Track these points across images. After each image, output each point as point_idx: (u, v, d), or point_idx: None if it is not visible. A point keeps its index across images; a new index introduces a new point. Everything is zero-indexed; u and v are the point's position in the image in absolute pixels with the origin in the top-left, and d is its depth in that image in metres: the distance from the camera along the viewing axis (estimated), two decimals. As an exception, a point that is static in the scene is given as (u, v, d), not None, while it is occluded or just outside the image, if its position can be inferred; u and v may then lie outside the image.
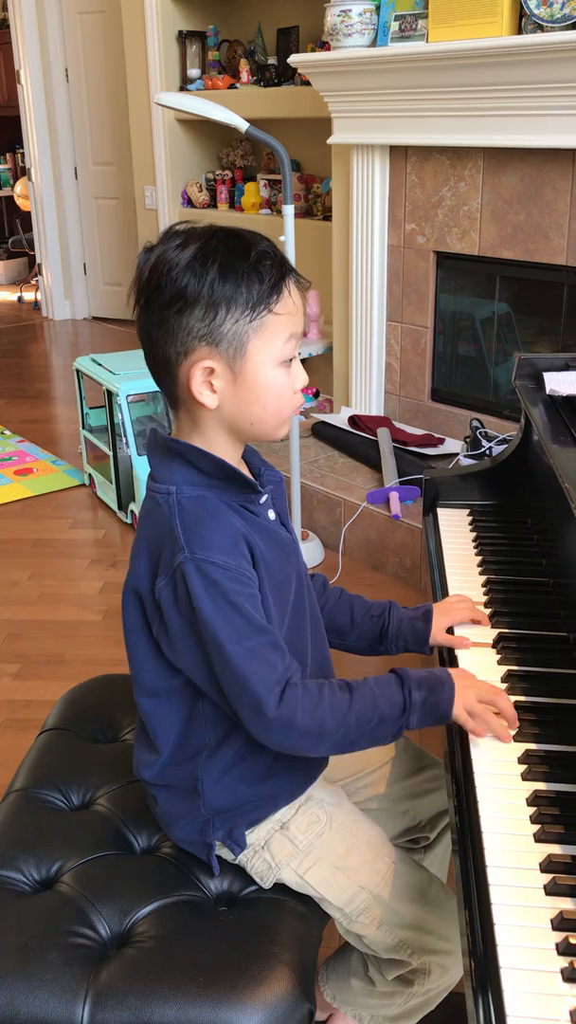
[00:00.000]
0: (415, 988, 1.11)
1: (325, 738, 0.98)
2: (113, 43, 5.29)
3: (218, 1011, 0.93)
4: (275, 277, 0.94)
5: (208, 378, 0.95)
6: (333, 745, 1.00)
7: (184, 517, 0.96)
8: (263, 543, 1.00)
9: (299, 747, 0.99)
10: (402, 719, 0.99)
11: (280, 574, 1.02)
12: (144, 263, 0.95)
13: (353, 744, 1.00)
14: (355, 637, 1.23)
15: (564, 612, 1.22)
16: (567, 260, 2.69)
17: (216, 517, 0.96)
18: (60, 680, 2.30)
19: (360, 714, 0.98)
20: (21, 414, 4.42)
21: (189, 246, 0.93)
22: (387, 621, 1.20)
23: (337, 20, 2.93)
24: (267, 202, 4.39)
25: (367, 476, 3.09)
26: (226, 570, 0.94)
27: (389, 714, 0.98)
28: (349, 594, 1.24)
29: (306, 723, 0.95)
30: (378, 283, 3.29)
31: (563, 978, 0.74)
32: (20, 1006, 0.94)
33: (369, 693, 0.99)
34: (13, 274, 7.56)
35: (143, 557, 0.99)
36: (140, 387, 3.02)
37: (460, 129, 2.78)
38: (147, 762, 1.09)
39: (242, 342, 0.94)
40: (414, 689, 0.99)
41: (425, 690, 0.99)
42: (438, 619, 1.20)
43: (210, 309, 0.92)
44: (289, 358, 0.98)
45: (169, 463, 0.99)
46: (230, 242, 0.94)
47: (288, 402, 0.99)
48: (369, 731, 0.98)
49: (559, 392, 1.42)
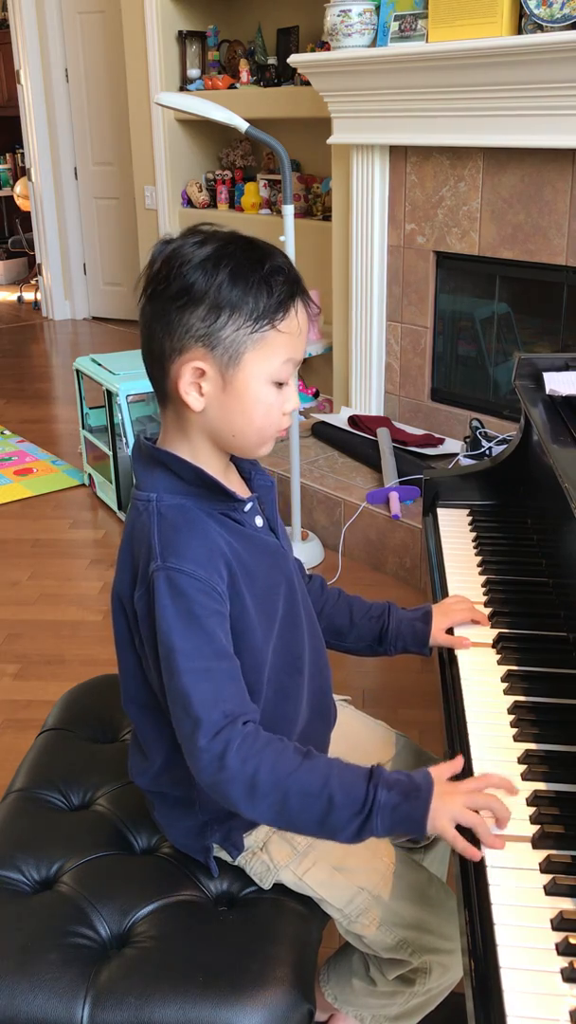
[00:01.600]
0: (416, 988, 1.11)
1: (258, 794, 0.87)
2: (113, 43, 5.29)
3: (218, 1011, 0.93)
4: (284, 294, 0.93)
5: (197, 380, 0.93)
6: (267, 808, 0.88)
7: (162, 526, 0.94)
8: (247, 552, 0.98)
9: (230, 796, 0.89)
10: (360, 816, 0.87)
11: (267, 582, 1.01)
12: (158, 254, 0.94)
13: (294, 819, 0.89)
14: (354, 638, 1.22)
15: (564, 612, 1.22)
16: (567, 260, 2.69)
17: (194, 527, 0.95)
18: (60, 680, 2.30)
19: (304, 785, 0.87)
20: (21, 414, 4.42)
21: (206, 245, 0.92)
22: (387, 622, 1.20)
23: (337, 20, 2.93)
24: (267, 202, 4.39)
25: (367, 476, 3.09)
26: (196, 580, 0.92)
27: (342, 803, 0.87)
28: (347, 595, 1.23)
29: (236, 767, 0.87)
30: (378, 283, 3.29)
31: (563, 978, 0.74)
32: (20, 1006, 0.94)
33: (325, 769, 0.89)
34: (13, 274, 7.57)
35: (126, 566, 0.98)
36: (140, 387, 3.02)
37: (460, 129, 2.78)
38: (140, 769, 1.09)
39: (239, 352, 0.93)
40: (381, 788, 0.88)
41: (397, 794, 0.88)
42: (438, 620, 1.20)
43: (213, 311, 0.91)
44: (283, 380, 0.96)
45: (151, 471, 0.98)
46: (247, 250, 0.93)
47: (274, 421, 0.97)
48: (315, 811, 0.88)
49: (559, 392, 1.42)
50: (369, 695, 2.23)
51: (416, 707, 2.17)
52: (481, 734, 1.03)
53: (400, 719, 2.10)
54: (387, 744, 1.25)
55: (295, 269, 0.96)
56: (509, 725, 1.03)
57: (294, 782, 0.88)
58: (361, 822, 0.87)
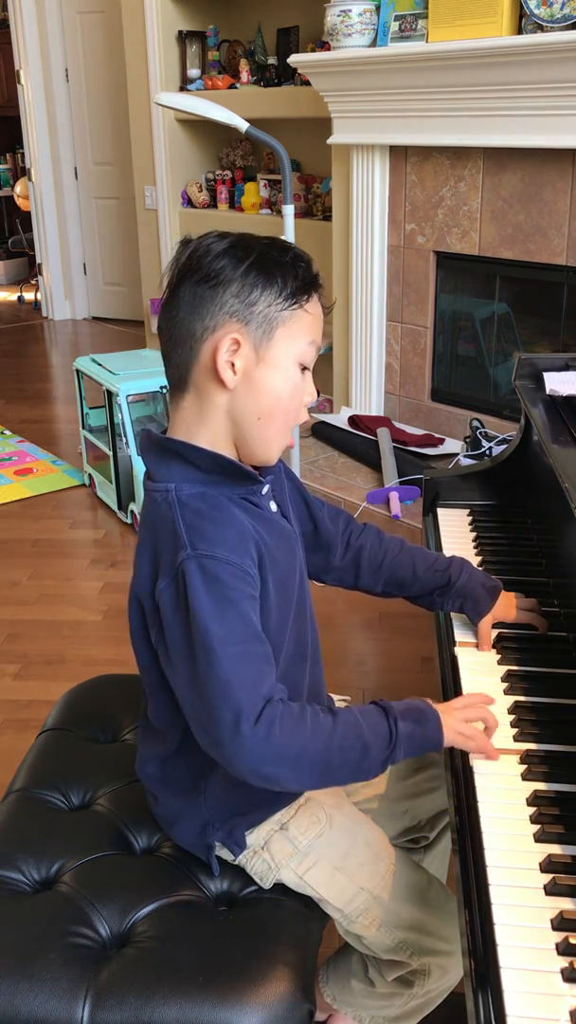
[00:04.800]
0: (415, 989, 1.11)
1: (304, 764, 0.90)
2: (113, 43, 5.30)
3: (218, 1011, 0.93)
4: (308, 279, 0.96)
5: (232, 356, 0.94)
6: (312, 774, 0.92)
7: (185, 514, 0.94)
8: (269, 536, 0.98)
9: (274, 775, 0.90)
10: (387, 750, 0.93)
11: (285, 566, 1.01)
12: (182, 252, 0.96)
13: (335, 774, 0.93)
14: (418, 589, 1.20)
15: (564, 612, 1.22)
16: (567, 260, 2.69)
17: (221, 512, 0.95)
18: (60, 680, 2.30)
19: (343, 739, 0.91)
20: (21, 414, 4.42)
21: (228, 238, 0.96)
22: (453, 576, 1.18)
23: (337, 20, 2.94)
24: (267, 202, 4.39)
25: (367, 476, 3.09)
26: (229, 565, 0.91)
27: (374, 743, 0.92)
28: (410, 546, 1.22)
29: (285, 743, 0.88)
30: (378, 283, 3.29)
31: (563, 978, 0.74)
32: (20, 1006, 0.94)
33: (353, 719, 0.93)
34: (13, 274, 7.57)
35: (146, 560, 0.97)
36: (140, 387, 3.02)
37: (460, 129, 2.78)
38: (151, 755, 1.09)
39: (272, 326, 0.94)
40: (400, 720, 0.93)
41: (411, 722, 0.94)
42: (501, 606, 1.19)
43: (246, 288, 0.93)
44: (307, 363, 0.98)
45: (166, 461, 0.97)
46: (268, 243, 0.97)
47: (297, 406, 0.99)
48: (353, 760, 0.92)
49: (559, 392, 1.42)
50: (369, 695, 2.23)
51: (416, 707, 2.17)
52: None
53: (400, 719, 2.10)
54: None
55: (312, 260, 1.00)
56: (509, 725, 1.03)
57: (334, 741, 0.91)
58: (388, 754, 0.93)
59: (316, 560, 1.19)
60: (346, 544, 1.20)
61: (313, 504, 1.18)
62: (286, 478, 1.11)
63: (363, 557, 1.20)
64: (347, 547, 1.20)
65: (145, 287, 5.14)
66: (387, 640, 2.49)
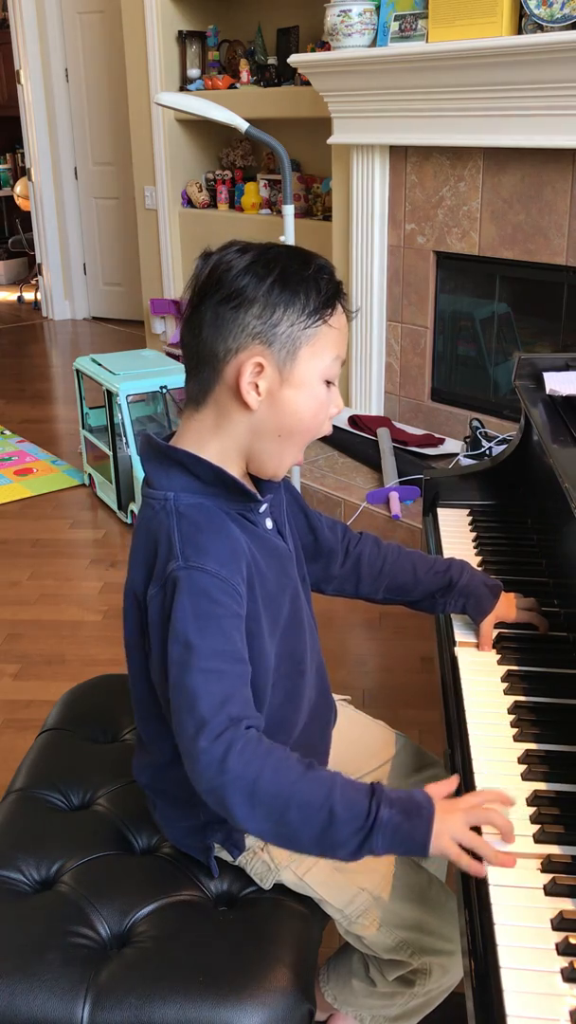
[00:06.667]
0: (416, 989, 1.11)
1: (257, 801, 0.84)
2: (113, 43, 5.29)
3: (218, 1011, 0.93)
4: (332, 292, 0.95)
5: (256, 379, 0.93)
6: (268, 818, 0.85)
7: (182, 525, 0.94)
8: (260, 554, 0.98)
9: (228, 801, 0.85)
10: (361, 833, 0.84)
11: (275, 585, 1.01)
12: (202, 267, 0.95)
13: (295, 832, 0.85)
14: (419, 593, 1.20)
15: (564, 612, 1.22)
16: (567, 260, 2.69)
17: (216, 527, 0.95)
18: (60, 680, 2.30)
19: (308, 794, 0.84)
20: (21, 414, 4.42)
21: (249, 252, 0.94)
22: (455, 577, 1.18)
23: (337, 20, 2.94)
24: (267, 202, 4.39)
25: (367, 476, 3.09)
26: (217, 579, 0.91)
27: (343, 817, 0.83)
28: (407, 550, 1.22)
29: (239, 769, 0.83)
30: (378, 283, 3.29)
31: (563, 978, 0.74)
32: (20, 1006, 0.94)
33: (328, 782, 0.86)
34: (13, 274, 7.57)
35: (140, 563, 0.97)
36: (140, 387, 3.02)
37: (460, 129, 2.78)
38: (144, 764, 1.09)
39: (295, 347, 0.93)
40: (383, 805, 0.84)
41: (398, 812, 0.84)
42: (503, 605, 1.19)
43: (268, 308, 0.92)
44: (332, 378, 0.97)
45: (166, 470, 0.97)
46: (291, 254, 0.95)
47: (321, 422, 0.98)
48: (316, 824, 0.84)
49: (559, 392, 1.42)
50: (369, 695, 2.24)
51: (416, 707, 2.17)
52: (481, 734, 1.03)
53: (400, 719, 2.10)
54: (387, 744, 1.25)
55: (335, 269, 0.98)
56: (509, 725, 1.03)
57: (296, 791, 0.84)
58: (362, 839, 0.84)
59: (316, 570, 1.20)
60: (345, 551, 1.20)
61: (312, 515, 1.18)
62: (285, 491, 1.11)
63: (363, 563, 1.20)
64: (346, 554, 1.20)
65: (145, 287, 5.14)
66: (387, 640, 2.49)
